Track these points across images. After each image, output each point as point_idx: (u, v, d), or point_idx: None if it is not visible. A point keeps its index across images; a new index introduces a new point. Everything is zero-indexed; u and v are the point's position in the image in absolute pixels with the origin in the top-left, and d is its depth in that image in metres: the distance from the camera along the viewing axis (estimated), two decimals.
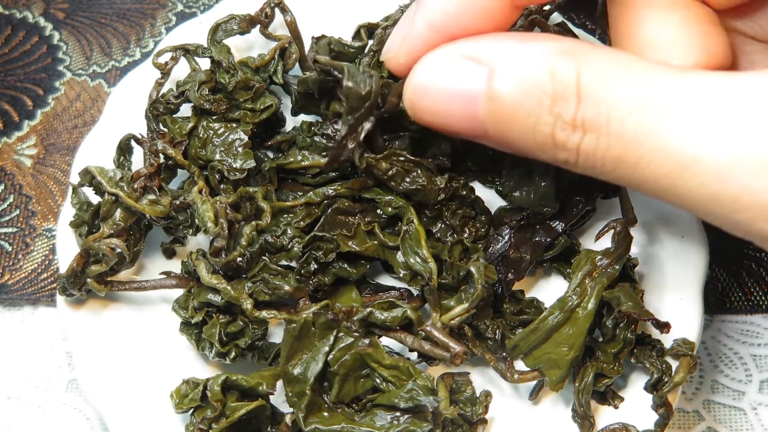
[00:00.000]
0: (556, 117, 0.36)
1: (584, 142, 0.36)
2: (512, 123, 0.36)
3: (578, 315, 0.47)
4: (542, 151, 0.37)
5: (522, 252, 0.52)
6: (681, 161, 0.34)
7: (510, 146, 0.38)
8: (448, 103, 0.38)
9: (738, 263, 0.59)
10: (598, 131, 0.35)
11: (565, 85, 0.35)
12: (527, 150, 0.37)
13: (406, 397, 0.47)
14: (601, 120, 0.35)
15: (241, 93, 0.54)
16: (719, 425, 0.55)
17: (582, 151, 0.36)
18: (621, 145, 0.35)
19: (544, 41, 0.37)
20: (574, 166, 0.37)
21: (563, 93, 0.35)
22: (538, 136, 0.36)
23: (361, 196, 0.52)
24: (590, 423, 0.49)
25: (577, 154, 0.36)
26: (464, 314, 0.49)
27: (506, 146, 0.38)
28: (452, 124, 0.39)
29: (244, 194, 0.51)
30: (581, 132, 0.36)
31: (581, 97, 0.35)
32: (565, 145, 0.36)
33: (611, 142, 0.35)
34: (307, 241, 0.51)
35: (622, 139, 0.35)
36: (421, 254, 0.50)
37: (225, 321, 0.50)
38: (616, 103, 0.35)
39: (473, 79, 0.37)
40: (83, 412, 0.56)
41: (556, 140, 0.36)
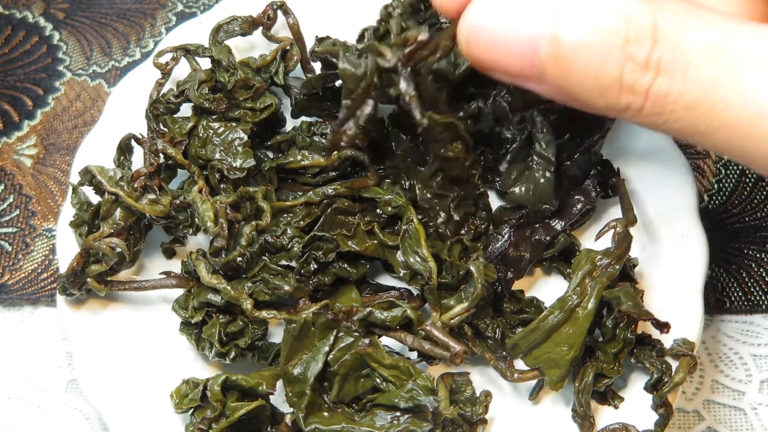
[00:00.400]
0: (627, 58, 0.35)
1: (656, 85, 0.35)
2: (576, 65, 0.35)
3: (578, 314, 0.47)
4: (603, 96, 0.36)
5: (521, 251, 0.52)
6: (759, 109, 0.34)
7: (567, 92, 0.37)
8: (507, 44, 0.37)
9: (738, 263, 0.59)
10: (673, 74, 0.35)
11: (640, 27, 0.35)
12: (585, 96, 0.36)
13: (406, 397, 0.47)
14: (677, 63, 0.35)
15: (241, 92, 0.54)
16: (719, 425, 0.55)
17: (652, 94, 0.35)
18: (697, 89, 0.35)
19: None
20: (636, 113, 0.36)
21: (637, 34, 0.35)
22: (603, 78, 0.35)
23: (360, 196, 0.52)
24: (590, 423, 0.49)
25: (644, 97, 0.35)
26: (464, 313, 0.49)
27: (562, 92, 0.37)
28: (509, 65, 0.37)
29: (244, 194, 0.51)
30: (653, 74, 0.35)
31: (657, 39, 0.35)
32: (633, 87, 0.35)
33: (687, 86, 0.35)
34: (306, 241, 0.51)
35: (698, 84, 0.34)
36: (421, 254, 0.50)
37: (225, 321, 0.50)
38: (694, 48, 0.35)
39: (537, 18, 0.36)
40: (83, 412, 0.56)
41: (624, 82, 0.35)
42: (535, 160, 0.51)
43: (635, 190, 0.54)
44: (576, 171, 0.53)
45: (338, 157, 0.52)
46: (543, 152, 0.51)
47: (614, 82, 0.35)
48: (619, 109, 0.36)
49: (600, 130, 0.53)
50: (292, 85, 0.56)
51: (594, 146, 0.53)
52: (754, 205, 0.60)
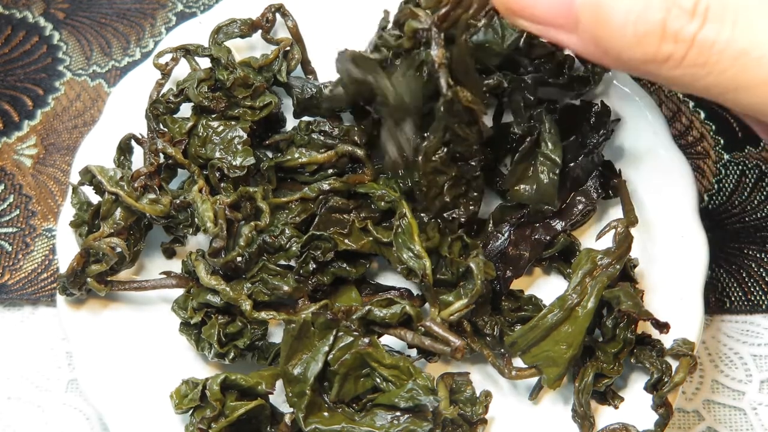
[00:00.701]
0: (672, 3, 0.33)
1: (703, 32, 0.33)
2: (615, 9, 0.34)
3: (578, 314, 0.47)
4: (642, 45, 0.34)
5: (521, 250, 0.52)
6: None
7: (600, 41, 0.35)
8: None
9: (738, 263, 0.59)
10: (722, 22, 0.33)
11: None
12: (620, 46, 0.34)
13: (406, 396, 0.47)
14: (728, 11, 0.33)
15: (240, 90, 0.54)
16: (719, 425, 0.55)
17: (698, 42, 0.33)
18: (747, 38, 0.33)
19: None
20: (677, 65, 0.34)
21: None
22: (643, 24, 0.33)
23: (355, 191, 0.52)
24: (590, 423, 0.49)
25: (689, 46, 0.33)
26: (463, 310, 0.49)
27: (595, 42, 0.35)
28: (541, 11, 0.35)
29: (244, 194, 0.51)
30: (700, 21, 0.33)
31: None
32: (678, 35, 0.33)
33: (736, 34, 0.33)
34: (305, 240, 0.51)
35: (749, 32, 0.33)
36: (415, 250, 0.50)
37: (224, 321, 0.50)
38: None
39: None
40: (83, 412, 0.56)
41: (667, 29, 0.33)
42: (541, 160, 0.51)
43: (635, 190, 0.54)
44: (579, 172, 0.53)
45: (336, 153, 0.53)
46: (549, 153, 0.51)
47: (656, 29, 0.33)
48: (658, 60, 0.34)
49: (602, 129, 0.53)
50: (294, 84, 0.56)
51: (597, 148, 0.53)
52: (754, 205, 0.60)
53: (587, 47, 0.35)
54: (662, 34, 0.34)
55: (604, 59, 0.35)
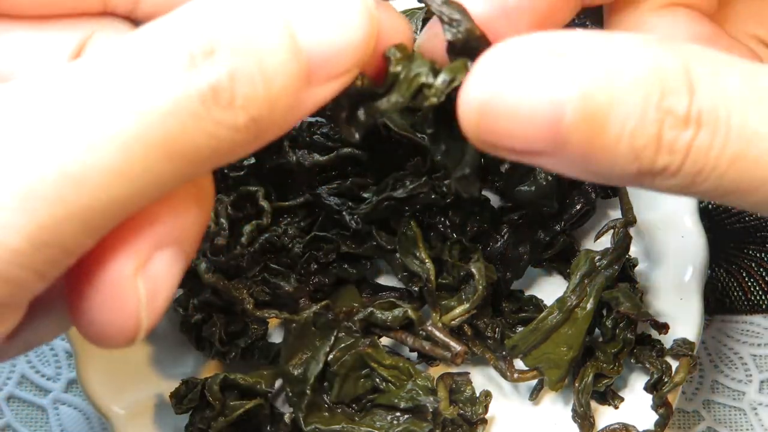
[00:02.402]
0: (665, 113, 0.31)
1: (697, 140, 0.31)
2: (606, 128, 0.31)
3: (577, 315, 0.47)
4: (636, 160, 0.32)
5: (520, 251, 0.53)
6: None
7: (591, 160, 0.32)
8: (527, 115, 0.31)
9: (738, 263, 0.59)
10: (715, 125, 0.31)
11: (674, 76, 0.31)
12: (613, 162, 0.32)
13: (406, 397, 0.47)
14: (720, 112, 0.31)
15: None
16: (719, 425, 0.55)
17: (693, 151, 0.31)
18: (744, 139, 0.31)
19: (630, 34, 0.32)
20: (672, 175, 0.32)
21: (673, 84, 0.31)
22: (637, 140, 0.31)
23: (360, 195, 0.52)
24: (590, 423, 0.49)
25: (685, 155, 0.31)
26: (465, 315, 0.49)
27: (583, 161, 0.32)
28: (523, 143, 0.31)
29: (245, 193, 0.51)
30: (694, 128, 0.31)
31: (693, 88, 0.31)
32: (673, 145, 0.31)
33: (732, 136, 0.31)
34: (307, 241, 0.51)
35: (745, 132, 0.31)
36: (419, 256, 0.50)
37: (225, 320, 0.50)
38: (732, 94, 0.31)
39: (562, 80, 0.30)
40: (83, 412, 0.56)
41: (663, 141, 0.31)
42: None
43: (634, 190, 0.54)
44: None
45: (338, 156, 0.53)
46: None
47: (651, 142, 0.31)
48: (653, 173, 0.32)
49: None
50: None
51: None
52: None
53: (571, 167, 0.32)
54: (657, 146, 0.31)
55: (588, 176, 0.33)
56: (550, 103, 0.30)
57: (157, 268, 0.29)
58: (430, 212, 0.52)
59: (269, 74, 0.27)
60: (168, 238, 0.29)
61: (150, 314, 0.30)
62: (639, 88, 0.30)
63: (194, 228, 0.30)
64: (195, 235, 0.30)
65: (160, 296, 0.30)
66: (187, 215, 0.30)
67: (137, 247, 0.29)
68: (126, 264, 0.28)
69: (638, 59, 0.31)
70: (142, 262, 0.29)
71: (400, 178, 0.51)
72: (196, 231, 0.30)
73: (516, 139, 0.31)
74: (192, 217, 0.30)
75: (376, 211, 0.50)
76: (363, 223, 0.51)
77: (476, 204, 0.52)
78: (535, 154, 0.32)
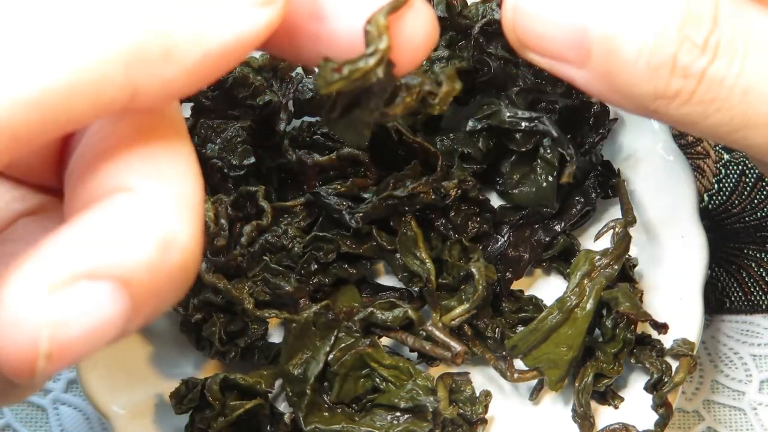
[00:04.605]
0: (684, 37, 0.33)
1: (712, 67, 0.33)
2: (627, 44, 0.33)
3: (577, 315, 0.47)
4: (653, 80, 0.33)
5: (521, 251, 0.53)
6: None
7: (611, 76, 0.34)
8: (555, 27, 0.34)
9: (738, 263, 0.59)
10: (732, 57, 0.33)
11: (701, 6, 0.33)
12: (631, 81, 0.34)
13: (406, 397, 0.47)
14: (737, 46, 0.33)
15: (240, 89, 0.54)
16: (719, 425, 0.55)
17: (707, 78, 0.33)
18: (757, 72, 0.33)
19: None
20: (686, 101, 0.34)
21: (698, 13, 0.33)
22: (655, 57, 0.33)
23: (360, 196, 0.52)
24: (590, 423, 0.49)
25: (698, 81, 0.33)
26: (465, 315, 0.49)
27: (605, 77, 0.34)
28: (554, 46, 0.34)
29: (245, 193, 0.51)
30: (711, 55, 0.33)
31: (717, 21, 0.33)
32: (688, 69, 0.33)
33: (746, 69, 0.33)
34: (307, 241, 0.51)
35: (758, 68, 0.33)
36: (419, 256, 0.50)
37: (225, 320, 0.50)
38: (754, 34, 0.33)
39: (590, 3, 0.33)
40: (83, 412, 0.56)
41: (678, 63, 0.33)
42: (539, 163, 0.51)
43: (635, 190, 0.54)
44: (577, 172, 0.53)
45: (338, 157, 0.53)
46: (547, 156, 0.51)
47: (667, 63, 0.33)
48: (667, 96, 0.34)
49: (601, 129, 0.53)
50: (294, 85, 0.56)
51: (595, 147, 0.53)
52: (754, 205, 0.60)
53: (597, 82, 0.35)
54: (673, 67, 0.33)
55: (613, 96, 0.35)
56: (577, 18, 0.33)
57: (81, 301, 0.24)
58: (431, 212, 0.52)
59: None
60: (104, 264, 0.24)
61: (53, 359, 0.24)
62: (664, 12, 0.32)
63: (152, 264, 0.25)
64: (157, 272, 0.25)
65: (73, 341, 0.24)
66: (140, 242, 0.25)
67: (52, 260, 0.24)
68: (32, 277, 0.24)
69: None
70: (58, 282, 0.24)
71: (401, 178, 0.51)
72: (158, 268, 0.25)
73: (546, 42, 0.34)
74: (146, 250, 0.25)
75: (377, 210, 0.50)
76: (363, 223, 0.51)
77: (476, 204, 0.52)
78: (564, 61, 0.34)
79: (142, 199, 0.25)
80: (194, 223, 0.26)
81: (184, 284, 0.26)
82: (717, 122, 0.34)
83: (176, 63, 0.25)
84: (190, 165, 0.27)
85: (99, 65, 0.24)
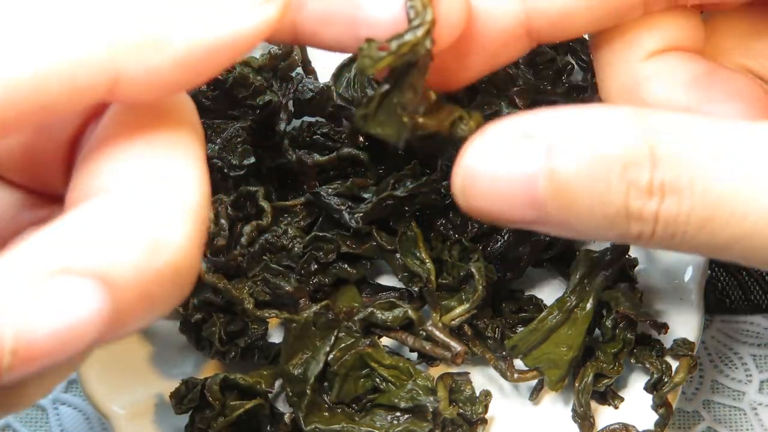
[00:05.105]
0: (628, 184, 0.32)
1: (664, 207, 0.33)
2: (577, 199, 0.33)
3: (577, 315, 0.47)
4: (612, 227, 0.33)
5: (521, 251, 0.53)
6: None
7: (574, 227, 0.34)
8: (505, 188, 0.34)
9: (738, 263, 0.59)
10: (680, 193, 0.32)
11: (635, 149, 0.32)
12: (594, 228, 0.34)
13: (406, 397, 0.47)
14: (683, 180, 0.32)
15: (240, 89, 0.54)
16: (719, 425, 0.55)
17: (661, 218, 0.33)
18: (710, 203, 0.32)
19: (602, 107, 0.34)
20: (649, 239, 0.34)
21: (634, 157, 0.32)
22: (607, 209, 0.33)
23: (360, 196, 0.52)
24: (590, 423, 0.49)
25: (654, 222, 0.33)
26: (465, 315, 0.49)
27: (570, 228, 0.34)
28: (510, 209, 0.34)
29: (245, 193, 0.51)
30: (659, 197, 0.32)
31: (655, 160, 0.32)
32: (641, 214, 0.33)
33: (697, 202, 0.32)
34: (307, 241, 0.51)
35: (709, 197, 0.32)
36: (419, 256, 0.50)
37: (225, 320, 0.50)
38: (696, 161, 0.32)
39: (531, 156, 0.33)
40: (83, 412, 0.56)
41: (630, 211, 0.33)
42: None
43: None
44: None
45: (338, 157, 0.53)
46: None
47: (620, 212, 0.33)
48: (632, 237, 0.34)
49: None
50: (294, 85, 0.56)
51: None
52: None
53: (564, 232, 0.35)
54: (627, 215, 0.33)
55: (587, 238, 0.35)
56: (523, 177, 0.32)
57: (56, 298, 0.23)
58: (431, 212, 0.52)
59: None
60: (84, 261, 0.24)
61: (20, 357, 0.23)
62: (603, 162, 0.32)
63: (139, 265, 0.25)
64: (145, 273, 0.25)
65: (43, 338, 0.23)
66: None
67: (27, 255, 0.24)
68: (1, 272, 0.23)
69: (602, 134, 0.32)
70: (29, 278, 0.23)
71: (401, 178, 0.51)
72: (146, 269, 0.25)
73: (499, 207, 0.34)
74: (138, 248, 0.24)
75: (376, 210, 0.50)
76: (363, 223, 0.51)
77: None
78: (525, 222, 0.34)
79: (131, 198, 0.25)
80: (190, 224, 0.26)
81: (181, 287, 0.26)
82: (687, 250, 0.34)
83: (165, 52, 0.25)
84: (192, 164, 0.27)
85: (77, 48, 0.24)
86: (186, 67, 0.26)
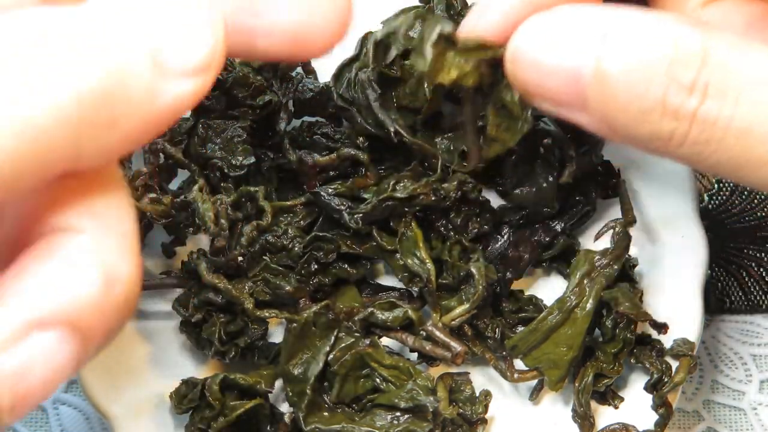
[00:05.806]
0: (671, 79, 0.32)
1: (703, 108, 0.32)
2: (619, 90, 0.33)
3: (577, 315, 0.47)
4: (646, 123, 0.33)
5: (521, 251, 0.53)
6: None
7: (609, 120, 0.34)
8: (551, 71, 0.34)
9: (738, 263, 0.59)
10: (723, 98, 0.32)
11: (689, 49, 0.32)
12: (627, 124, 0.34)
13: (406, 397, 0.47)
14: (728, 87, 0.32)
15: (240, 89, 0.54)
16: (719, 425, 0.55)
17: (698, 120, 0.33)
18: (751, 115, 0.32)
19: (659, 11, 0.34)
20: (681, 142, 0.34)
21: (685, 56, 0.32)
22: (644, 101, 0.33)
23: (360, 196, 0.52)
24: (590, 423, 0.49)
25: (690, 123, 0.33)
26: (465, 315, 0.49)
27: (605, 121, 0.34)
28: (553, 93, 0.35)
29: (245, 193, 0.51)
30: (700, 97, 0.32)
31: (706, 62, 0.32)
32: (678, 111, 0.33)
33: (739, 111, 0.32)
34: (307, 241, 0.51)
35: (753, 108, 0.32)
36: (419, 256, 0.50)
37: (225, 320, 0.50)
38: (747, 74, 0.32)
39: (582, 43, 0.33)
40: (83, 412, 0.56)
41: (667, 105, 0.33)
42: (539, 163, 0.51)
43: (635, 190, 0.54)
44: (577, 172, 0.53)
45: (338, 157, 0.53)
46: (547, 156, 0.51)
47: (656, 105, 0.33)
48: (663, 138, 0.34)
49: None
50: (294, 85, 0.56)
51: (595, 147, 0.53)
52: (754, 205, 0.60)
53: (598, 125, 0.35)
54: (663, 110, 0.33)
55: (616, 138, 0.35)
56: (570, 63, 0.33)
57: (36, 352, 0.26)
58: (431, 212, 0.52)
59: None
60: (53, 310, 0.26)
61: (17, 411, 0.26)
62: (651, 57, 0.32)
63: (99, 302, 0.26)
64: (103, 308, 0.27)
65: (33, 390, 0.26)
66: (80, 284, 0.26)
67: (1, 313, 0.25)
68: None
69: (659, 32, 0.33)
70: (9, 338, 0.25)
71: (401, 179, 0.51)
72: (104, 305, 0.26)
73: (546, 88, 0.35)
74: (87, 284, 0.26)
75: (377, 211, 0.50)
76: (363, 223, 0.51)
77: (477, 205, 0.52)
78: (567, 107, 0.35)
79: (83, 238, 0.27)
80: (133, 258, 0.27)
81: (129, 315, 0.28)
82: (716, 162, 0.34)
83: (119, 130, 0.27)
84: (126, 206, 0.29)
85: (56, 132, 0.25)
86: (132, 140, 0.27)
